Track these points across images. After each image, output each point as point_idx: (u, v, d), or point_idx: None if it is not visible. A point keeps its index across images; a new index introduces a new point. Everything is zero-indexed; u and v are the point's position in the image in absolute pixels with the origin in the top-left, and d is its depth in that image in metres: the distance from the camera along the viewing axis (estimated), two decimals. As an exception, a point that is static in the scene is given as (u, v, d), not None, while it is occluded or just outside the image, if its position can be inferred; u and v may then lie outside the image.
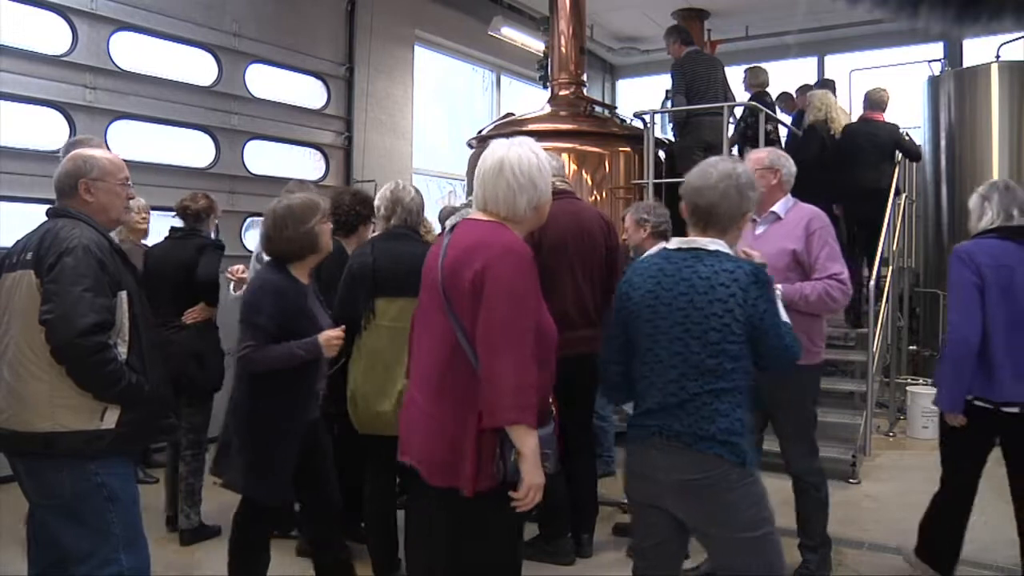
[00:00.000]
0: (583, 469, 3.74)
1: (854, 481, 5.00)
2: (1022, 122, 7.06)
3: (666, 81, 6.72)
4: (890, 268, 6.32)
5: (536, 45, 8.15)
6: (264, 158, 6.75)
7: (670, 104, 6.58)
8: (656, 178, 5.93)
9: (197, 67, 6.23)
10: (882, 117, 6.42)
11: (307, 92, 7.21)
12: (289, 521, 3.88)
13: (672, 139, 6.59)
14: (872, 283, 5.61)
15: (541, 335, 2.10)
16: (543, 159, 2.19)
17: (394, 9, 7.77)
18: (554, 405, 2.26)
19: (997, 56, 7.18)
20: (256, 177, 6.55)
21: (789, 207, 3.37)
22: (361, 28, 7.44)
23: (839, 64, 9.54)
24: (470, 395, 2.05)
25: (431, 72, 8.91)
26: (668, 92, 6.78)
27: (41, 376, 2.24)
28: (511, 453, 2.02)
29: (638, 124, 6.33)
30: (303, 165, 7.22)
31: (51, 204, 2.52)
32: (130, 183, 2.55)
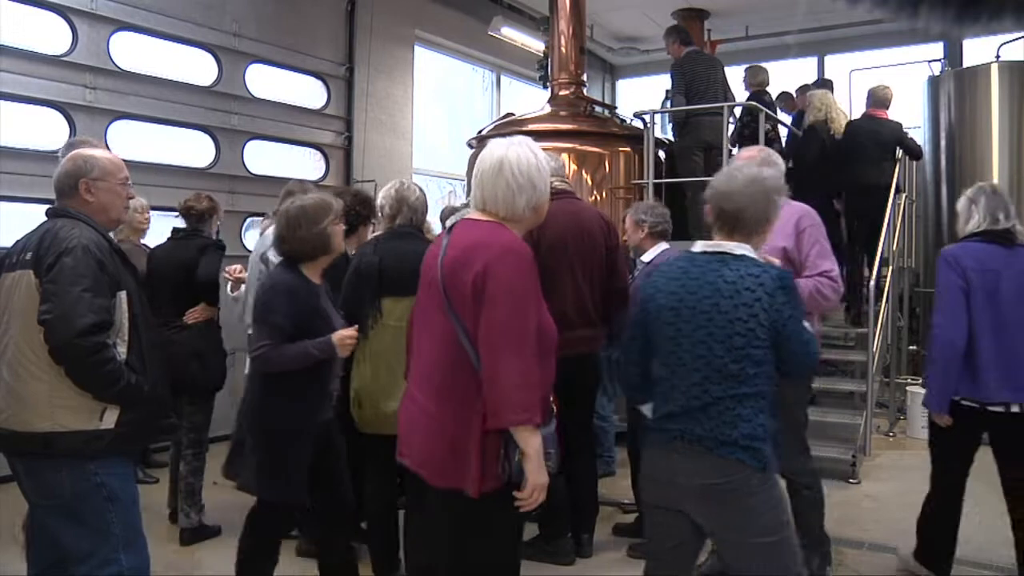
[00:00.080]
0: (583, 469, 3.74)
1: (854, 481, 5.00)
2: (1022, 122, 7.05)
3: (666, 81, 6.72)
4: (890, 268, 6.32)
5: (536, 45, 8.15)
6: (264, 158, 6.75)
7: (670, 104, 6.57)
8: (656, 178, 5.93)
9: (197, 67, 6.23)
10: (886, 114, 6.41)
11: (307, 92, 7.21)
12: (289, 521, 3.89)
13: (672, 139, 6.60)
14: (872, 283, 5.61)
15: (541, 334, 2.09)
16: (542, 159, 2.19)
17: (394, 9, 7.77)
18: (555, 404, 2.26)
19: (997, 56, 7.18)
20: (256, 177, 6.56)
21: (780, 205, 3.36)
22: (361, 28, 7.44)
23: (839, 64, 9.54)
24: (473, 396, 2.04)
25: (431, 72, 8.91)
26: (668, 92, 6.78)
27: (40, 376, 2.24)
28: (515, 453, 2.02)
29: (638, 124, 6.33)
30: (303, 165, 7.23)
31: (51, 204, 2.51)
32: (130, 183, 2.55)
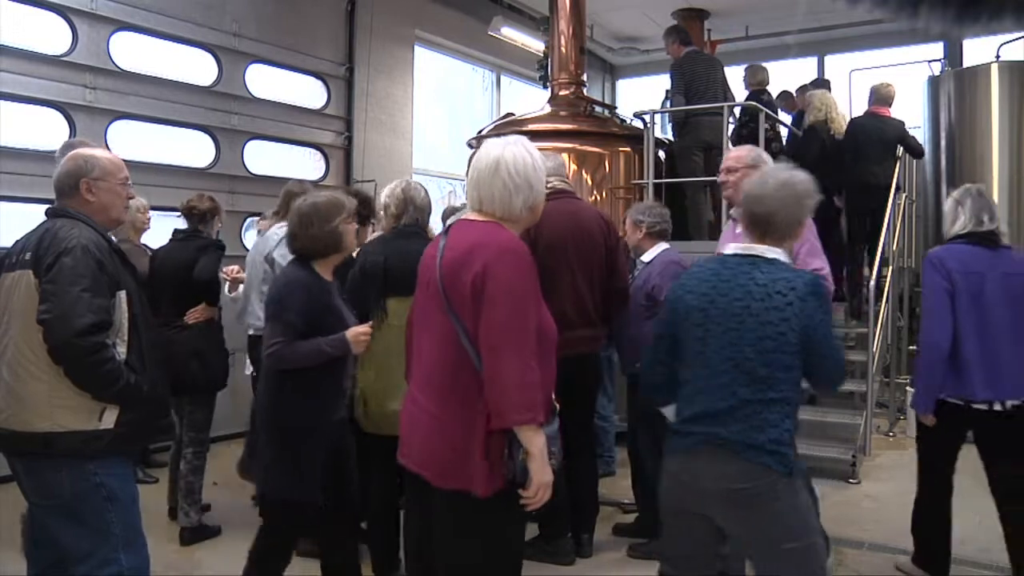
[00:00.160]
0: (584, 469, 3.74)
1: (854, 481, 5.00)
2: (1022, 122, 7.05)
3: (666, 81, 6.71)
4: (890, 268, 6.32)
5: (536, 45, 8.15)
6: (264, 158, 6.75)
7: (670, 104, 6.57)
8: (656, 178, 5.93)
9: (197, 67, 6.23)
10: (888, 112, 6.40)
11: (307, 92, 7.21)
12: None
13: (672, 139, 6.60)
14: (872, 283, 5.61)
15: (541, 334, 2.09)
16: (537, 158, 2.18)
17: (394, 9, 7.77)
18: (556, 403, 2.25)
19: (997, 56, 7.18)
20: (256, 177, 6.56)
21: None
22: (361, 28, 7.44)
23: (839, 64, 9.53)
24: (475, 396, 2.04)
25: (431, 72, 8.91)
26: (668, 92, 6.78)
27: (40, 376, 2.24)
28: (519, 453, 2.02)
29: (638, 124, 6.33)
30: (303, 165, 7.23)
31: (51, 204, 2.51)
32: (130, 183, 2.55)
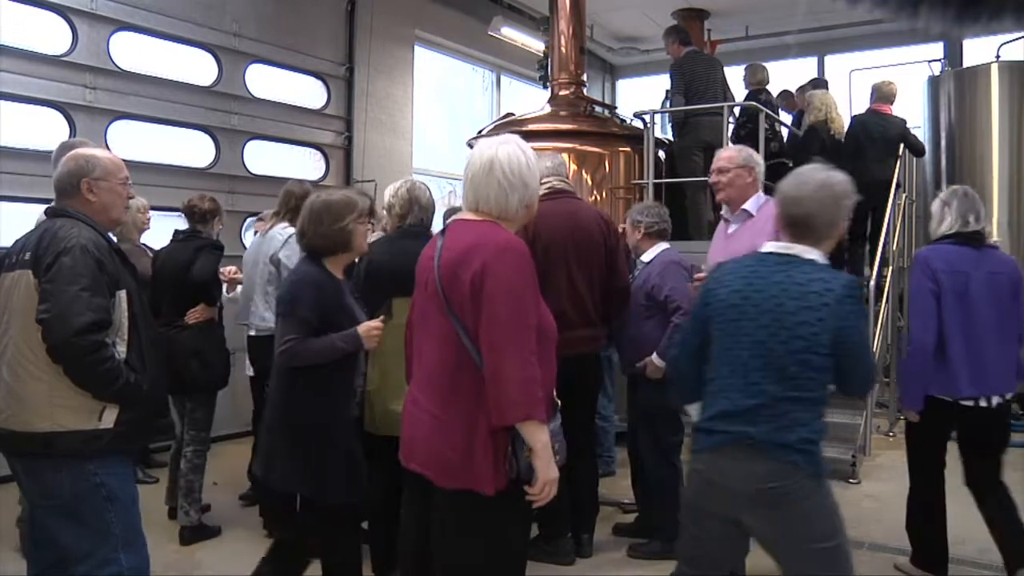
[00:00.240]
0: (584, 469, 3.74)
1: (854, 481, 5.00)
2: (1022, 122, 7.05)
3: (666, 81, 6.71)
4: (890, 268, 6.32)
5: (536, 45, 8.15)
6: (264, 158, 6.76)
7: (669, 104, 6.57)
8: (656, 178, 5.93)
9: (197, 67, 6.23)
10: (890, 110, 6.41)
11: (307, 92, 7.21)
12: (290, 521, 3.88)
13: (672, 139, 6.59)
14: (872, 283, 5.61)
15: (541, 331, 2.10)
16: (531, 156, 2.19)
17: (394, 9, 7.77)
18: (557, 400, 2.25)
19: (997, 56, 7.18)
20: (256, 177, 6.55)
21: (760, 204, 3.34)
22: (361, 28, 7.44)
23: (839, 64, 9.52)
24: (477, 395, 2.04)
25: (431, 72, 8.91)
26: (668, 92, 6.78)
27: (40, 376, 2.24)
28: (522, 450, 2.02)
29: (638, 124, 6.33)
30: (303, 165, 7.23)
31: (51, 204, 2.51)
32: (130, 183, 2.55)
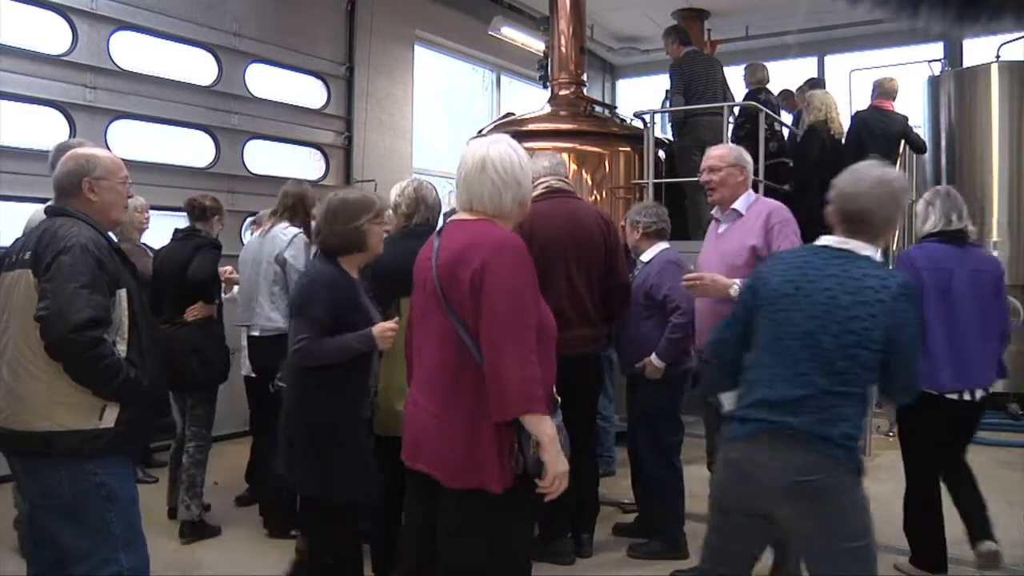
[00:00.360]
0: (584, 469, 3.73)
1: (854, 481, 4.98)
2: (1022, 122, 7.05)
3: (666, 81, 6.71)
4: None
5: (536, 45, 8.14)
6: (264, 158, 6.75)
7: (669, 104, 6.57)
8: (656, 178, 5.93)
9: (197, 67, 6.23)
10: (892, 106, 6.39)
11: (307, 92, 7.21)
12: (290, 521, 3.89)
13: (672, 139, 6.59)
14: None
15: (540, 329, 2.11)
16: (522, 155, 2.22)
17: (394, 9, 7.76)
18: (558, 396, 2.25)
19: (997, 56, 7.18)
20: (256, 177, 6.55)
21: (750, 203, 3.32)
22: (361, 28, 7.43)
23: (839, 64, 9.50)
24: (479, 393, 2.05)
25: (431, 72, 8.90)
26: (668, 92, 6.78)
27: (40, 375, 2.24)
28: (528, 446, 2.02)
29: (638, 124, 6.33)
30: (303, 165, 7.22)
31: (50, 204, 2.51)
32: (129, 182, 2.56)
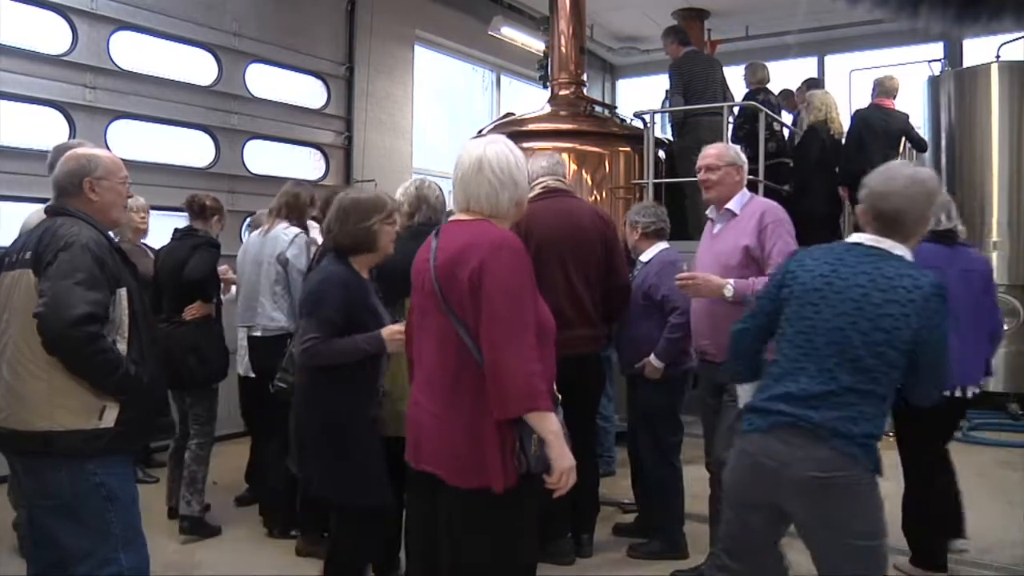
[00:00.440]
0: (584, 469, 3.68)
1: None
2: (1022, 122, 7.05)
3: (666, 81, 6.71)
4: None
5: (536, 45, 8.14)
6: (264, 158, 6.75)
7: (669, 104, 6.58)
8: (656, 178, 5.93)
9: (197, 67, 6.23)
10: (893, 104, 6.39)
11: (307, 92, 7.20)
12: (290, 521, 3.89)
13: (672, 139, 6.59)
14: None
15: (539, 327, 2.11)
16: (519, 155, 2.23)
17: (394, 9, 7.76)
18: (558, 394, 2.25)
19: (997, 56, 7.18)
20: (256, 177, 6.55)
21: (744, 202, 3.29)
22: (361, 28, 7.44)
23: (839, 64, 9.51)
24: (481, 393, 2.05)
25: (431, 72, 8.90)
26: (667, 92, 6.79)
27: (40, 375, 2.24)
28: (531, 444, 2.02)
29: (638, 124, 6.33)
30: (303, 165, 7.22)
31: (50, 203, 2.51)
32: (129, 182, 2.56)
